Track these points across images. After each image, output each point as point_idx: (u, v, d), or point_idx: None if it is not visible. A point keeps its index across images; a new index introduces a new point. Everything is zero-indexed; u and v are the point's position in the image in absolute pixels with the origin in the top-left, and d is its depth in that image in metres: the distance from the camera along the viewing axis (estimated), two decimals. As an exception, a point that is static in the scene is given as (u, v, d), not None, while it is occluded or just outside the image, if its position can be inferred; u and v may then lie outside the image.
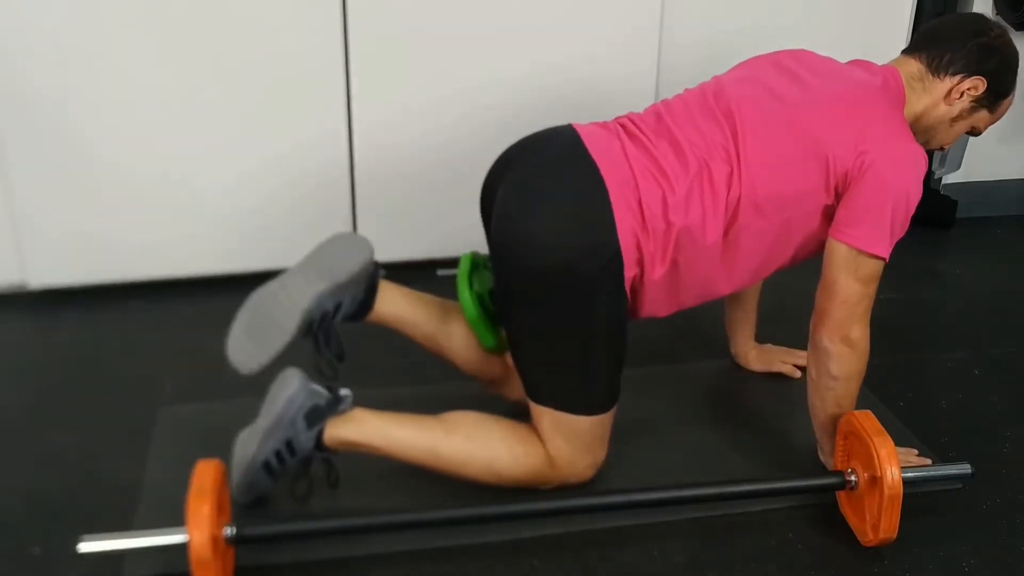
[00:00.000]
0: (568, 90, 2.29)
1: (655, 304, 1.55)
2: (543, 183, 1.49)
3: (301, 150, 2.23)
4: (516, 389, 1.64)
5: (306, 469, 1.52)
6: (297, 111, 2.19)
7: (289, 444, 1.48)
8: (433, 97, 2.24)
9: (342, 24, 2.13)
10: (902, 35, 2.51)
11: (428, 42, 2.20)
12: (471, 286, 1.61)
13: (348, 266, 1.54)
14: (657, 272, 1.49)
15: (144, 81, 2.07)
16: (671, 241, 1.47)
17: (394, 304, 1.62)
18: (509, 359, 1.63)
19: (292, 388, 1.48)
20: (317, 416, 1.48)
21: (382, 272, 1.62)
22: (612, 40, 2.30)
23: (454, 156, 2.28)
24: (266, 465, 1.48)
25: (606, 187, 1.45)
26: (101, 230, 2.17)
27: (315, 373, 1.54)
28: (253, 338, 1.49)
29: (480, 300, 1.61)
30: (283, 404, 1.47)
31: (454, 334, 1.65)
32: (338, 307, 1.55)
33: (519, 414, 1.57)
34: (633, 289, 1.51)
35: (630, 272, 1.47)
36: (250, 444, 1.49)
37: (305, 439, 1.48)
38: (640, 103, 2.32)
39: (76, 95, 2.05)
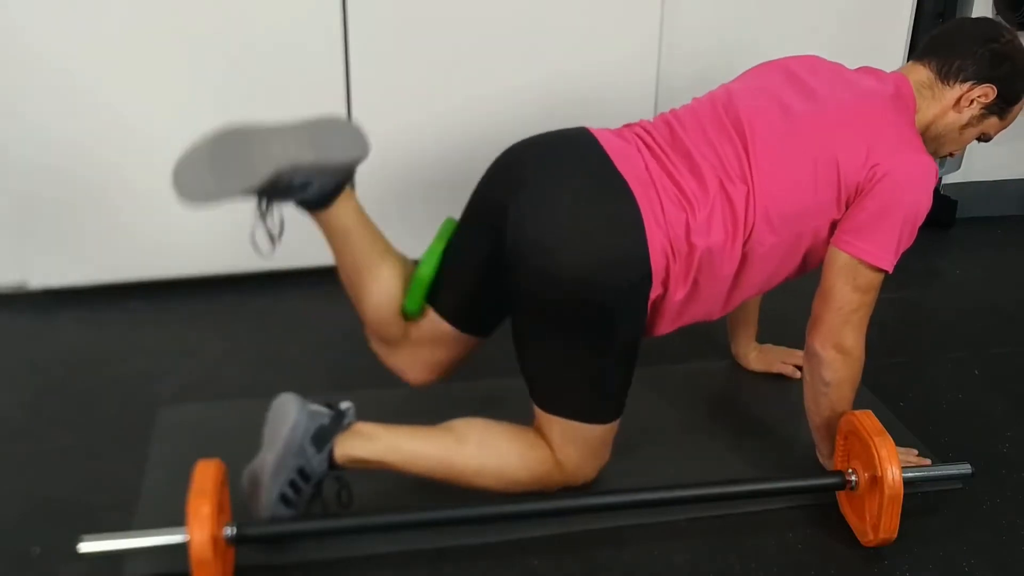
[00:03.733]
0: (567, 94, 2.29)
1: (667, 323, 1.55)
2: (572, 198, 1.45)
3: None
4: (402, 359, 1.63)
5: (318, 490, 1.47)
6: (297, 112, 2.18)
7: (302, 472, 1.43)
8: (432, 101, 2.24)
9: (342, 29, 2.13)
10: (902, 39, 2.51)
11: (428, 47, 2.20)
12: (443, 252, 1.57)
13: (341, 154, 1.44)
14: (679, 293, 1.49)
15: (145, 82, 2.07)
16: (694, 263, 1.46)
17: (347, 215, 1.52)
18: (413, 329, 1.60)
19: (292, 415, 1.43)
20: (324, 436, 1.44)
21: (352, 182, 1.54)
22: (612, 46, 2.30)
23: (453, 159, 2.28)
24: (283, 497, 1.43)
25: (638, 206, 1.43)
26: (101, 230, 2.17)
27: (251, 238, 1.45)
28: (214, 169, 1.37)
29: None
30: (287, 433, 1.42)
31: (382, 278, 1.56)
32: (305, 186, 1.44)
33: (519, 416, 1.57)
34: (653, 308, 1.50)
35: (655, 292, 1.46)
36: (259, 480, 1.43)
37: (317, 463, 1.44)
38: (640, 107, 2.35)
39: (76, 95, 2.05)
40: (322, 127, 1.45)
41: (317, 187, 1.46)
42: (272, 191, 1.41)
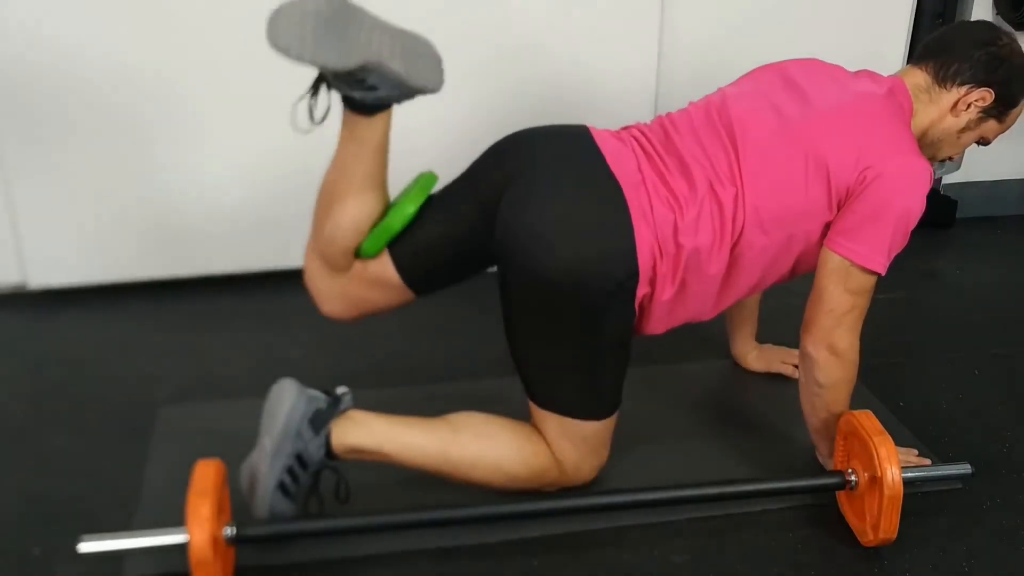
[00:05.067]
0: (567, 96, 2.29)
1: (656, 323, 1.55)
2: (563, 195, 1.46)
3: (301, 149, 2.22)
4: (328, 286, 1.58)
5: (316, 485, 1.47)
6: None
7: (300, 457, 1.43)
8: (431, 98, 2.24)
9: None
10: (901, 40, 2.51)
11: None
12: (418, 208, 1.55)
13: (419, 78, 1.44)
14: (667, 293, 1.49)
15: (144, 82, 2.07)
16: (681, 263, 1.47)
17: (377, 131, 1.51)
18: (359, 264, 1.57)
19: (290, 399, 1.43)
20: (321, 420, 1.44)
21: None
22: (612, 47, 2.30)
23: (453, 156, 2.27)
24: (281, 486, 1.42)
25: (628, 206, 1.44)
26: (101, 230, 2.17)
27: (293, 109, 1.43)
28: (316, 32, 1.33)
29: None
30: (284, 417, 1.42)
31: (364, 204, 1.53)
32: (373, 88, 1.41)
33: (519, 417, 1.57)
34: (641, 307, 1.50)
35: (642, 291, 1.47)
36: (258, 470, 1.43)
37: (315, 448, 1.43)
38: (640, 107, 2.35)
39: (76, 95, 2.05)
40: (418, 45, 1.45)
41: (379, 94, 1.44)
42: (344, 78, 1.39)
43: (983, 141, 1.66)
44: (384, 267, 1.57)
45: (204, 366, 1.99)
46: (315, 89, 1.43)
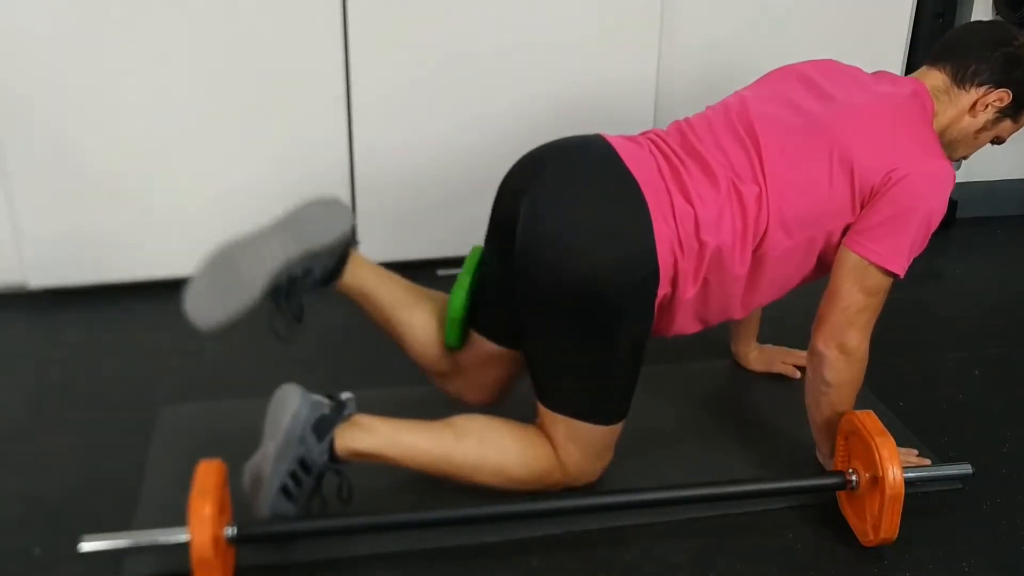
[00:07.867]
0: (567, 100, 2.29)
1: (684, 323, 1.55)
2: (581, 194, 1.46)
3: (301, 150, 2.23)
4: (458, 386, 1.66)
5: (319, 486, 1.47)
6: (297, 112, 2.19)
7: (303, 462, 1.42)
8: (433, 99, 2.24)
9: (342, 26, 2.13)
10: (902, 40, 2.51)
11: (428, 45, 2.20)
12: (471, 284, 1.59)
13: (325, 235, 1.50)
14: (689, 292, 1.49)
15: (144, 83, 2.07)
16: (704, 261, 1.46)
17: (362, 279, 1.59)
18: (460, 357, 1.63)
19: (294, 404, 1.43)
20: (325, 426, 1.44)
21: (356, 243, 1.58)
22: (611, 51, 2.30)
23: (454, 157, 2.28)
24: (284, 489, 1.42)
25: (647, 204, 1.43)
26: (101, 230, 2.17)
27: (269, 330, 1.49)
28: (215, 294, 1.43)
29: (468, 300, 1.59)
30: (288, 422, 1.41)
31: (416, 324, 1.62)
32: (307, 272, 1.50)
33: (519, 416, 1.57)
34: (662, 307, 1.50)
35: (663, 291, 1.46)
36: (261, 473, 1.42)
37: (318, 453, 1.43)
38: (639, 117, 2.35)
39: (75, 96, 2.05)
40: (301, 215, 1.51)
41: (319, 270, 1.52)
42: (278, 292, 1.47)
43: (997, 140, 1.67)
44: (480, 345, 1.62)
45: (204, 366, 1.99)
46: (278, 306, 1.49)
